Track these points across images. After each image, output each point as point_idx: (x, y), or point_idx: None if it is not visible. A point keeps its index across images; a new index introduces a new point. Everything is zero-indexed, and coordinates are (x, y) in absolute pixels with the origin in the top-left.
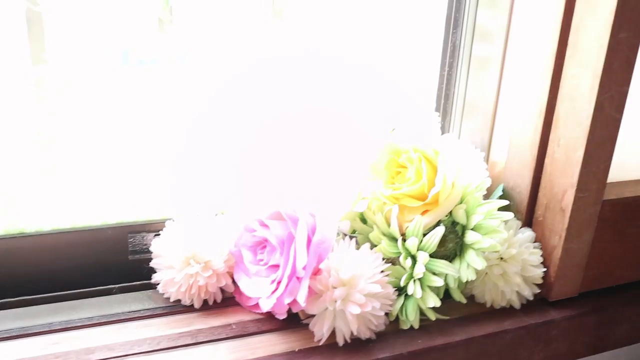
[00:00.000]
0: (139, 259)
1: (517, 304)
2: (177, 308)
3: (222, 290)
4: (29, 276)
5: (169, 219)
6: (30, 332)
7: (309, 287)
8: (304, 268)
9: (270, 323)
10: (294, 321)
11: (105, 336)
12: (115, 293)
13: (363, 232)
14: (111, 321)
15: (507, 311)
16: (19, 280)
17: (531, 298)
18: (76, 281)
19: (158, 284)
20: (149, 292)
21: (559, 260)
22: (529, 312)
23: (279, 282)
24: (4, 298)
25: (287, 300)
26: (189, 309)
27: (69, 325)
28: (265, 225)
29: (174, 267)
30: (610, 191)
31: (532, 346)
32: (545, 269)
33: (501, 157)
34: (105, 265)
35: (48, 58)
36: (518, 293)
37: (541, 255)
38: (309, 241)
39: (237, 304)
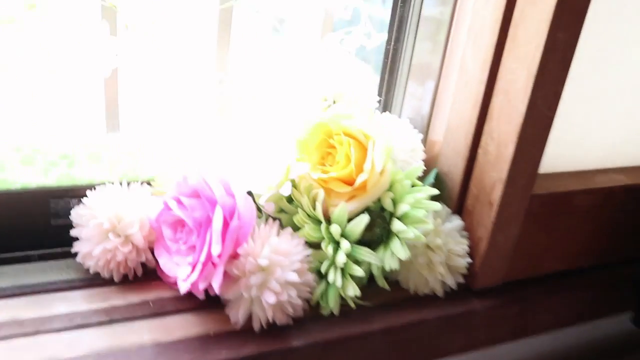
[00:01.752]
0: (61, 224)
1: (440, 293)
2: (95, 281)
3: (143, 264)
4: None
5: (94, 186)
6: None
7: (225, 272)
8: (219, 256)
9: (189, 302)
10: (214, 300)
11: (17, 310)
12: (34, 260)
13: (289, 213)
14: (26, 292)
15: (430, 298)
16: None
17: (455, 287)
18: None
19: (78, 253)
20: (69, 261)
21: (485, 252)
22: (451, 300)
23: (194, 266)
24: None
25: (202, 286)
26: (108, 282)
27: None
28: (183, 205)
29: (92, 239)
30: (541, 184)
31: (452, 334)
32: (470, 260)
33: (440, 137)
34: (25, 230)
35: None
36: (442, 282)
37: (468, 245)
38: (226, 225)
39: (158, 279)
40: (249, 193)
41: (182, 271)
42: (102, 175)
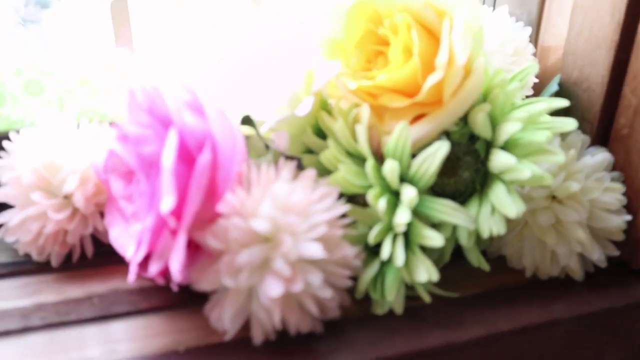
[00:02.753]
0: None
1: (579, 274)
2: (25, 266)
3: (93, 238)
4: None
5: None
6: None
7: (196, 245)
8: (175, 215)
9: (157, 296)
10: (196, 295)
11: None
12: None
13: (316, 149)
14: None
15: (562, 285)
16: None
17: (605, 265)
18: None
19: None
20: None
21: None
22: (600, 287)
23: (140, 238)
24: None
25: (155, 267)
26: (42, 268)
27: None
28: (125, 137)
29: (15, 203)
30: None
31: (603, 343)
32: (630, 217)
33: (557, 40)
34: None
35: None
36: (582, 256)
37: (624, 194)
38: (190, 162)
39: (119, 260)
40: (246, 120)
41: (130, 247)
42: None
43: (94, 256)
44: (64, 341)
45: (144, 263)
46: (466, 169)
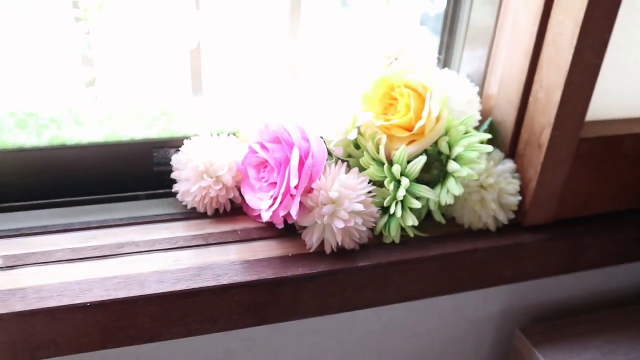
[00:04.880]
0: (162, 170)
1: (492, 227)
2: (193, 214)
3: (231, 201)
4: (69, 181)
5: (189, 137)
6: (72, 228)
7: (301, 204)
8: (296, 187)
9: (270, 231)
10: (291, 230)
11: (132, 234)
12: (142, 199)
13: (356, 157)
14: (138, 222)
15: (483, 233)
16: (61, 185)
17: (506, 222)
18: (110, 188)
19: (178, 193)
20: (170, 199)
21: (534, 191)
22: (503, 234)
23: (275, 198)
24: (50, 199)
25: (282, 214)
26: (203, 216)
27: (104, 224)
28: (265, 148)
29: (190, 180)
30: (590, 129)
31: (502, 264)
32: (521, 198)
33: (495, 90)
34: (134, 175)
35: None
36: (494, 217)
37: (520, 185)
38: (302, 164)
39: (244, 214)
40: (321, 139)
41: (265, 204)
42: (194, 130)
43: (231, 211)
44: (227, 251)
45: (259, 215)
46: (435, 169)
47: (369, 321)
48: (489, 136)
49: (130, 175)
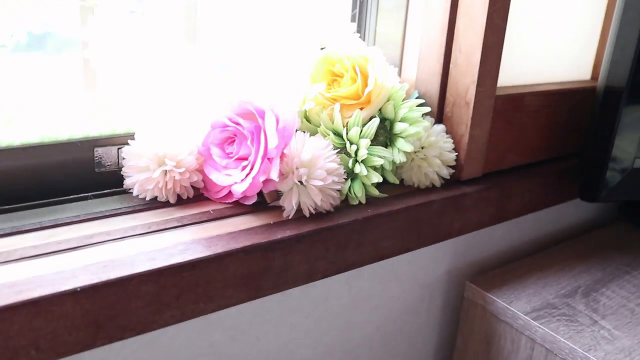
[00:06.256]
0: (104, 171)
1: (438, 183)
2: (155, 204)
3: (192, 187)
4: (3, 188)
5: (132, 133)
6: (22, 229)
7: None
8: (276, 147)
9: (242, 208)
10: (262, 205)
11: (97, 227)
12: (91, 199)
13: (307, 131)
14: (98, 217)
15: (431, 189)
16: None
17: (448, 177)
18: (52, 192)
19: (130, 189)
20: (123, 196)
21: (467, 145)
22: (447, 188)
23: (252, 165)
24: None
25: (262, 178)
26: (166, 204)
27: (59, 222)
28: (234, 122)
29: (150, 167)
30: (500, 90)
31: (453, 214)
32: (457, 153)
33: (411, 75)
34: (75, 178)
35: None
36: (438, 174)
37: (452, 143)
38: (276, 127)
39: (207, 198)
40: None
41: (238, 176)
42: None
43: (194, 197)
44: (207, 228)
45: (229, 195)
46: (380, 136)
47: (341, 294)
48: (422, 100)
49: (70, 179)
